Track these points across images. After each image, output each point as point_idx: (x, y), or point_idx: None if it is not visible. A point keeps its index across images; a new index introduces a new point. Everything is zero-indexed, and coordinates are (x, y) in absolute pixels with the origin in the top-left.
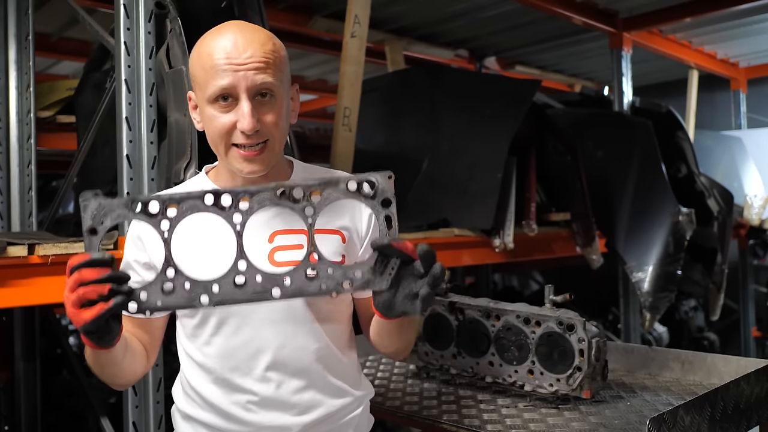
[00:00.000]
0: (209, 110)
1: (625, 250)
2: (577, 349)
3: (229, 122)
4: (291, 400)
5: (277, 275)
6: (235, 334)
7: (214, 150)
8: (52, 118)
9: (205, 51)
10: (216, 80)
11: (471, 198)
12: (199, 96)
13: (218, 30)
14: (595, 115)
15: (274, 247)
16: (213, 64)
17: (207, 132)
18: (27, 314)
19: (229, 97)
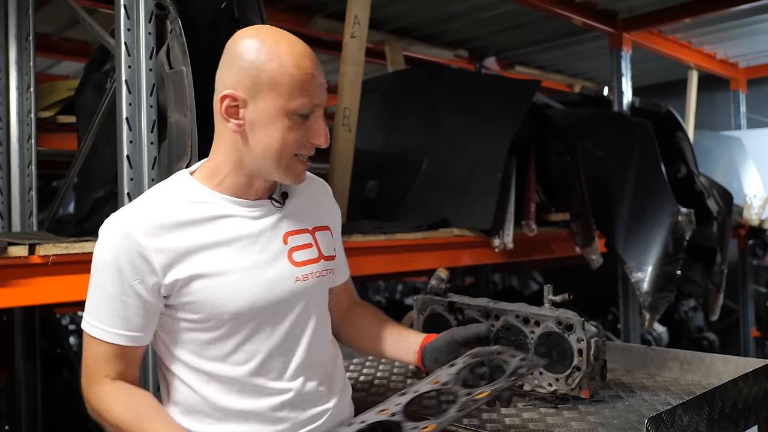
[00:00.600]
0: (285, 121)
1: (624, 250)
2: (576, 348)
3: (304, 135)
4: (317, 391)
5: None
6: (268, 338)
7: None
8: (52, 118)
9: (293, 62)
10: (307, 96)
11: (471, 198)
12: (272, 103)
13: (290, 42)
14: (595, 115)
15: (290, 247)
16: (305, 79)
17: (266, 141)
18: (27, 314)
19: (308, 114)
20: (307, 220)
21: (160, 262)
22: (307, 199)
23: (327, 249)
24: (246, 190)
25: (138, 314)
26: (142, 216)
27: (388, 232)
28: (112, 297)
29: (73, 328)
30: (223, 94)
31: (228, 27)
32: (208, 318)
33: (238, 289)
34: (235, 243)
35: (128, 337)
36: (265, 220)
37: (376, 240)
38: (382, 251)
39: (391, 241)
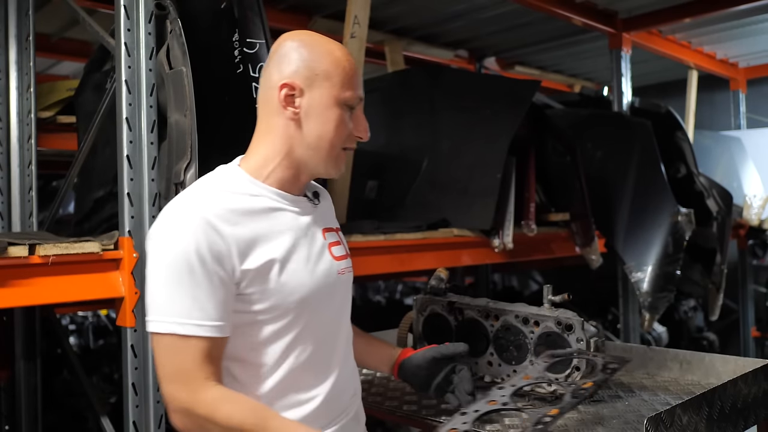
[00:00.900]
0: (337, 112)
1: (624, 250)
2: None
3: (350, 128)
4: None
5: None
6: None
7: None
8: (52, 118)
9: (342, 57)
10: (355, 90)
11: (470, 198)
12: (326, 93)
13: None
14: (595, 115)
15: (328, 243)
16: (353, 73)
17: (321, 129)
18: (28, 314)
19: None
20: (331, 220)
21: (238, 248)
22: (327, 202)
23: (346, 247)
24: (292, 184)
25: (224, 303)
26: (213, 203)
27: (388, 232)
28: (197, 287)
29: (73, 328)
30: (282, 83)
31: (228, 27)
32: (275, 307)
33: (301, 278)
34: (291, 234)
35: (220, 327)
36: (307, 216)
37: (375, 240)
38: (381, 251)
39: (391, 241)
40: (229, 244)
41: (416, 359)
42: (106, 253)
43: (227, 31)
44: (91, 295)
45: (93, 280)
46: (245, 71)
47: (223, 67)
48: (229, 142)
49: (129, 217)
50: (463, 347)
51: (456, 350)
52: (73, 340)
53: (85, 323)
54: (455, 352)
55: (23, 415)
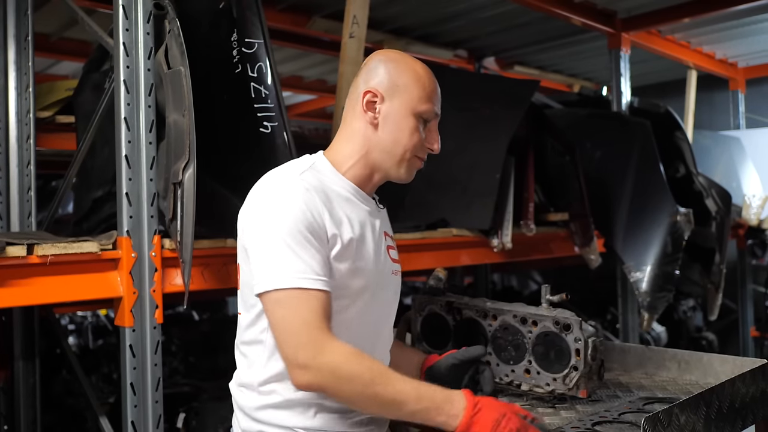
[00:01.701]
0: (412, 121)
1: (623, 250)
2: (573, 348)
3: (423, 139)
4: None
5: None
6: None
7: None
8: (51, 118)
9: (423, 74)
10: (433, 104)
11: (469, 198)
12: (403, 104)
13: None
14: (594, 115)
15: (387, 245)
16: (431, 90)
17: (395, 136)
18: (26, 314)
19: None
20: (388, 225)
21: (332, 221)
22: (385, 210)
23: (398, 255)
24: (366, 181)
25: (326, 264)
26: (309, 179)
27: None
28: (311, 248)
29: (73, 328)
30: (366, 90)
31: (226, 27)
32: (341, 286)
33: (368, 265)
34: (364, 225)
35: (328, 283)
36: (373, 216)
37: None
38: None
39: None
40: (325, 215)
41: (437, 368)
42: (104, 252)
43: (226, 31)
44: (89, 295)
45: (91, 280)
46: (243, 71)
47: (222, 66)
48: (228, 142)
49: (127, 216)
50: (479, 351)
51: (472, 354)
52: (72, 339)
53: (85, 323)
54: (472, 355)
55: (22, 415)
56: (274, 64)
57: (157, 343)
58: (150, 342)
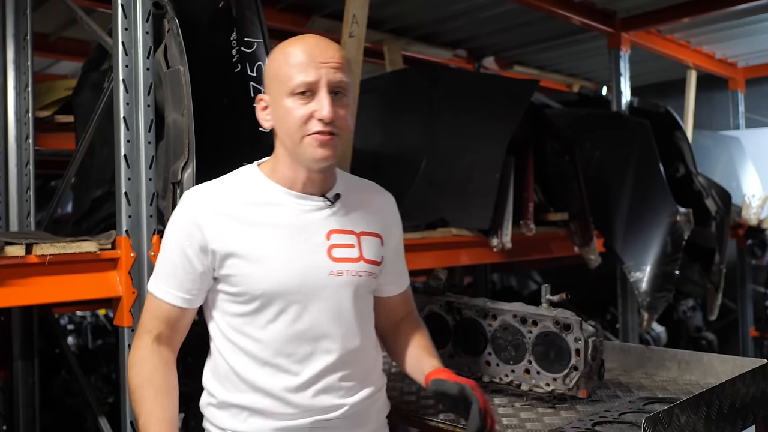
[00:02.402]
0: (288, 103)
1: (623, 249)
2: (573, 348)
3: (307, 112)
4: (336, 386)
5: None
6: (294, 321)
7: (287, 141)
8: (50, 117)
9: (291, 50)
10: (301, 75)
11: (469, 198)
12: (277, 92)
13: (301, 37)
14: (594, 115)
15: (332, 244)
16: (299, 61)
17: (282, 125)
18: (25, 314)
19: (308, 92)
20: (354, 222)
21: (212, 235)
22: (360, 205)
23: (370, 254)
24: (294, 181)
25: (188, 279)
26: (204, 193)
27: None
28: (170, 259)
29: (72, 328)
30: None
31: (226, 26)
32: (243, 292)
33: (273, 269)
34: (280, 228)
35: (178, 297)
36: (313, 215)
37: None
38: None
39: None
40: (208, 229)
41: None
42: (103, 252)
43: (225, 31)
44: (88, 295)
45: (90, 280)
46: (243, 70)
47: (221, 66)
48: (227, 142)
49: (126, 216)
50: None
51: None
52: (72, 339)
53: (84, 323)
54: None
55: (21, 414)
56: None
57: None
58: None
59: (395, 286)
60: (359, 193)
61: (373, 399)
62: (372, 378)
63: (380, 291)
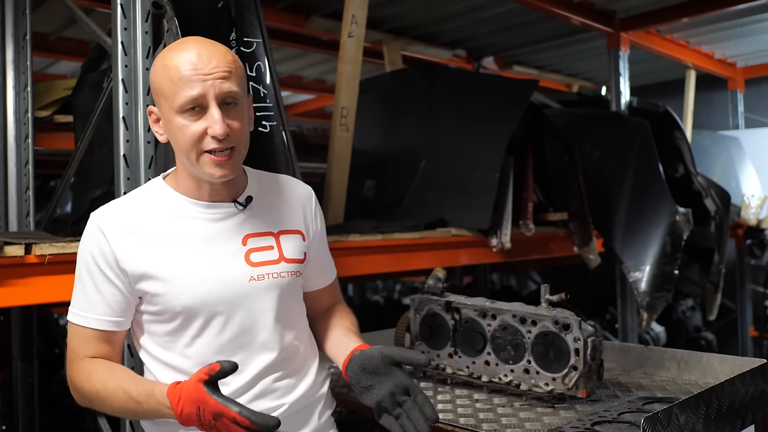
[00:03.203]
0: (178, 120)
1: (622, 249)
2: (572, 348)
3: (199, 130)
4: (271, 388)
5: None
6: (220, 333)
7: (183, 159)
8: (49, 117)
9: (172, 64)
10: (185, 90)
11: (468, 198)
12: (165, 108)
13: (180, 44)
14: (593, 115)
15: (249, 249)
16: (181, 76)
17: (175, 142)
18: (24, 314)
19: (197, 107)
20: (271, 223)
21: (123, 255)
22: (277, 203)
23: (292, 252)
24: (199, 192)
25: (112, 300)
26: (111, 213)
27: (386, 232)
28: (87, 285)
29: None
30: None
31: (225, 26)
32: (163, 311)
33: (189, 283)
34: (191, 242)
35: (104, 321)
36: (225, 222)
37: (373, 240)
38: (379, 251)
39: (389, 241)
40: (116, 251)
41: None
42: None
43: (224, 30)
44: None
45: None
46: None
47: None
48: None
49: None
50: (423, 360)
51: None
52: None
53: None
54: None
55: (20, 414)
56: (273, 63)
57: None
58: None
59: (321, 279)
60: (273, 191)
61: (312, 394)
62: (309, 372)
63: (306, 286)
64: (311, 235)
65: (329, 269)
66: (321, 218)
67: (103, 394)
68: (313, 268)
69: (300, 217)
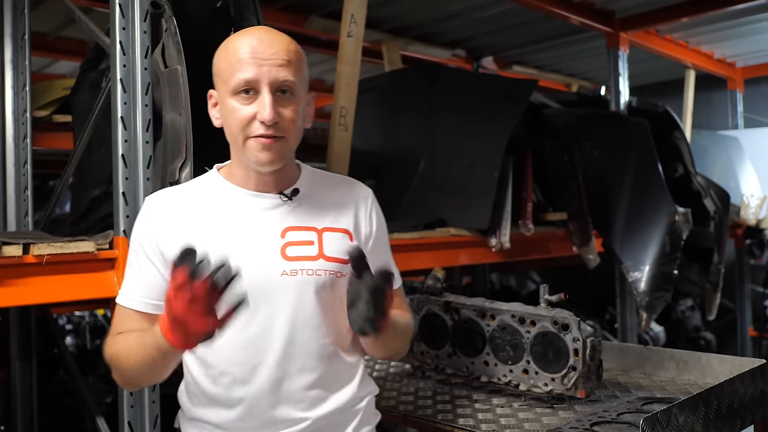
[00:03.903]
0: (231, 102)
1: (621, 249)
2: (571, 348)
3: (249, 113)
4: (298, 395)
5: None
6: (245, 327)
7: (232, 143)
8: (48, 117)
9: (232, 46)
10: (241, 72)
11: (467, 198)
12: (222, 90)
13: (246, 30)
14: (592, 114)
15: (286, 242)
16: (239, 58)
17: (226, 125)
18: (23, 314)
19: (251, 90)
20: (316, 218)
21: (163, 238)
22: (326, 200)
23: (334, 251)
24: (246, 180)
25: (152, 282)
26: (159, 197)
27: None
28: (133, 266)
29: (70, 328)
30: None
31: (224, 26)
32: None
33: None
34: (228, 229)
35: (143, 303)
36: (267, 213)
37: None
38: None
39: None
40: (160, 232)
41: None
42: (101, 252)
43: (223, 30)
44: (85, 295)
45: (88, 280)
46: None
47: None
48: (224, 142)
49: (124, 216)
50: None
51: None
52: (70, 339)
53: (82, 323)
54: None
55: (19, 415)
56: None
57: None
58: None
59: None
60: (326, 188)
61: (345, 409)
62: (347, 385)
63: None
64: (362, 236)
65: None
66: (378, 222)
67: (121, 354)
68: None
69: (350, 216)
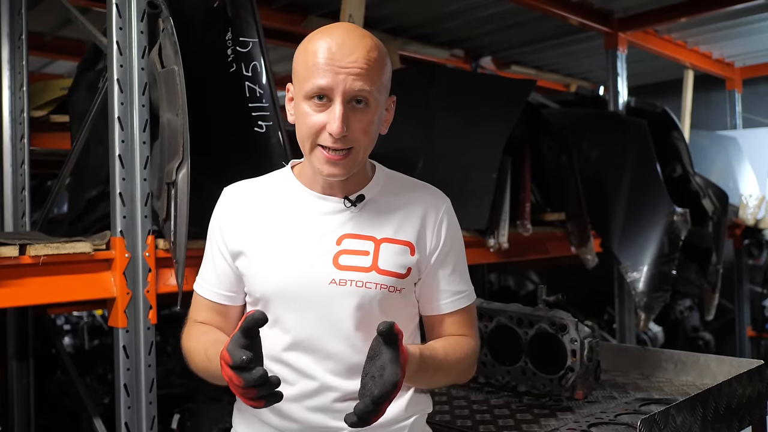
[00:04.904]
0: (303, 106)
1: (620, 250)
2: (569, 349)
3: (320, 122)
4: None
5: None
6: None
7: (301, 145)
8: (45, 117)
9: (312, 48)
10: (315, 78)
11: (466, 198)
12: (297, 90)
13: (328, 29)
14: (591, 115)
15: (341, 249)
16: (316, 62)
17: (297, 127)
18: (20, 314)
19: (325, 97)
20: (376, 228)
21: (229, 230)
22: (392, 209)
23: (390, 264)
24: (313, 182)
25: (222, 273)
26: (234, 189)
27: None
28: (207, 255)
29: (68, 328)
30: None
31: (221, 26)
32: (249, 293)
33: (272, 272)
34: (288, 229)
35: (214, 293)
36: (328, 217)
37: None
38: None
39: None
40: (228, 224)
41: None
42: (97, 253)
43: (220, 30)
44: (82, 296)
45: (85, 281)
46: (238, 70)
47: (216, 65)
48: (222, 141)
49: (121, 216)
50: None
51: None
52: (68, 340)
53: (80, 323)
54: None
55: (16, 416)
56: (269, 63)
57: (151, 343)
58: (144, 343)
59: (436, 304)
60: (397, 195)
61: (386, 428)
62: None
63: (421, 308)
64: (427, 250)
65: (453, 296)
66: (451, 236)
67: (192, 352)
68: (427, 289)
69: (415, 227)
